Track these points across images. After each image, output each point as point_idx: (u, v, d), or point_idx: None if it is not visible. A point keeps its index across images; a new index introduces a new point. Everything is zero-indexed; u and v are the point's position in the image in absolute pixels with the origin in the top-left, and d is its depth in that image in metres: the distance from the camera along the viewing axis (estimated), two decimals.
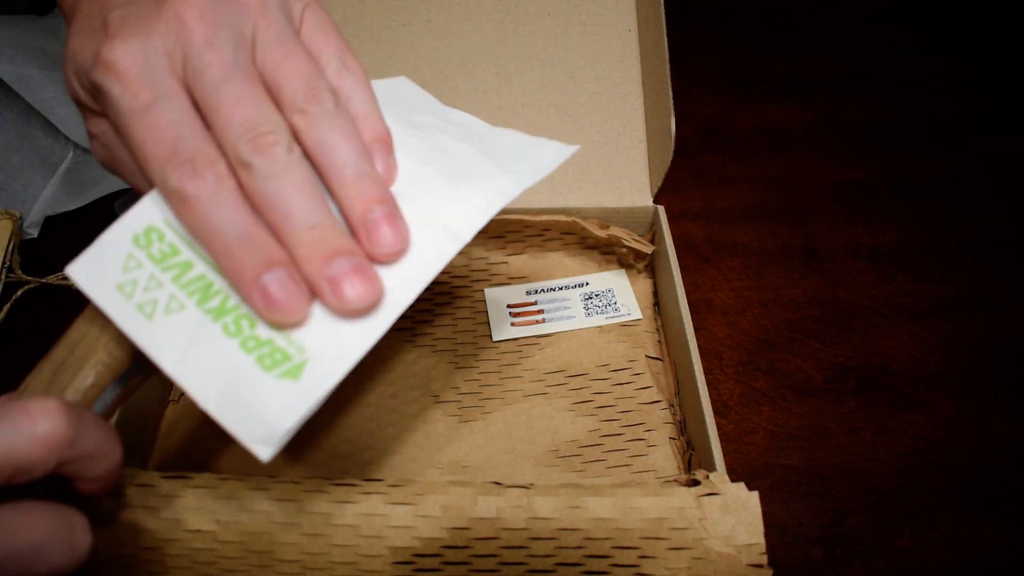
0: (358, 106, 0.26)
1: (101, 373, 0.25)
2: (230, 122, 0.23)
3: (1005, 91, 0.67)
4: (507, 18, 0.48)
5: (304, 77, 0.24)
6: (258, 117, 0.23)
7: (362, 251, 0.24)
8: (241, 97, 0.23)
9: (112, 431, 0.23)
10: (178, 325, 0.24)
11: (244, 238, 0.23)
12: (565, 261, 0.48)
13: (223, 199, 0.23)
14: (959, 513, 0.40)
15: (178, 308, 0.24)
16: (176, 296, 0.24)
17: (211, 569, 0.31)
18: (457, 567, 0.31)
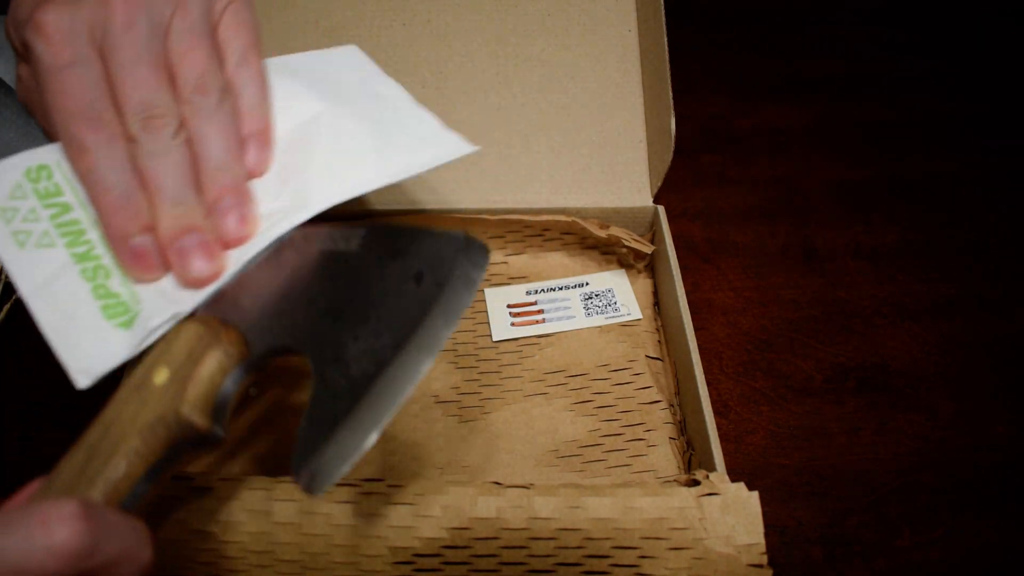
0: (247, 100, 0.29)
1: (134, 463, 0.24)
2: (130, 99, 0.26)
3: (1005, 91, 0.67)
4: (507, 18, 0.48)
5: (200, 70, 0.27)
6: (154, 100, 0.26)
7: (212, 231, 0.27)
8: (144, 80, 0.26)
9: (140, 531, 0.22)
10: (44, 259, 0.26)
11: (126, 199, 0.26)
12: (565, 261, 0.48)
13: (115, 158, 0.26)
14: (959, 513, 0.40)
15: (48, 244, 0.27)
16: (49, 233, 0.27)
17: (212, 569, 0.31)
18: (457, 567, 0.31)
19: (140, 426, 0.25)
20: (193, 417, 0.25)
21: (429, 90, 0.48)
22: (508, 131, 0.47)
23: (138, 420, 0.25)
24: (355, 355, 0.25)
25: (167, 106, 0.26)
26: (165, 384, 0.25)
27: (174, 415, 0.25)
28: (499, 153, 0.47)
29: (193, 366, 0.26)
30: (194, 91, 0.27)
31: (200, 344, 0.26)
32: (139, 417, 0.25)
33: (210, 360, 0.26)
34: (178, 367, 0.26)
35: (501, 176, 0.47)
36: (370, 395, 0.25)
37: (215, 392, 0.26)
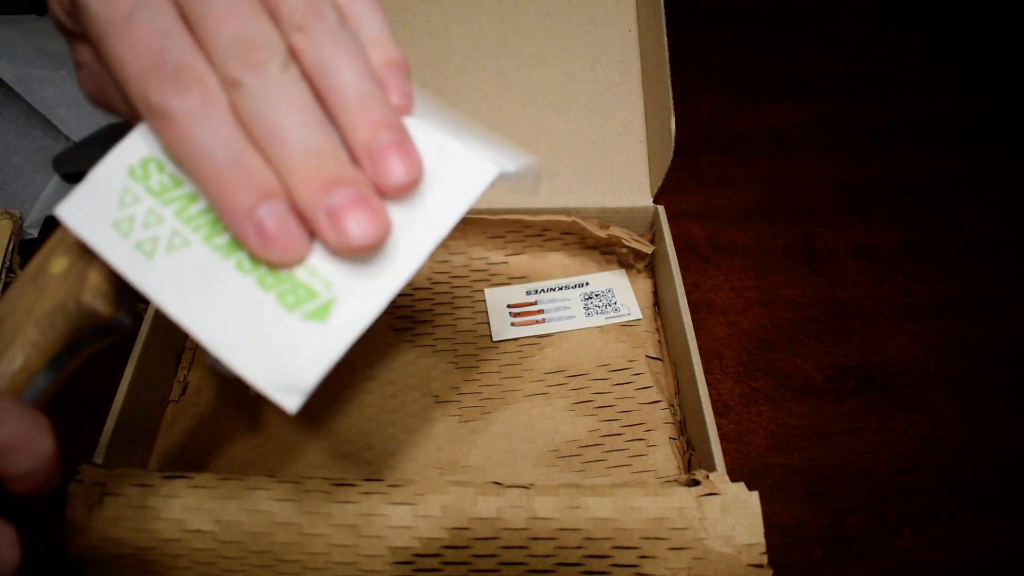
0: (369, 29, 0.23)
1: (31, 355, 0.22)
2: (219, 35, 0.20)
3: (1005, 91, 0.67)
4: (507, 18, 0.48)
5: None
6: (250, 31, 0.20)
7: (366, 181, 0.21)
8: (233, 9, 0.20)
9: (38, 420, 0.21)
10: (183, 264, 0.21)
11: (235, 164, 0.20)
12: (565, 261, 0.48)
13: (211, 118, 0.20)
14: (959, 513, 0.40)
15: (182, 245, 0.21)
16: (179, 232, 0.22)
17: (211, 569, 0.31)
18: (457, 567, 0.31)
19: (37, 316, 0.23)
20: (96, 304, 0.23)
21: (429, 90, 0.47)
22: (508, 131, 0.47)
23: (35, 310, 0.23)
24: None
25: (269, 36, 0.20)
26: (64, 272, 0.23)
27: (75, 303, 0.23)
28: None
29: (93, 252, 0.22)
30: (305, 16, 0.21)
31: None
32: (36, 307, 0.23)
33: None
34: (77, 254, 0.23)
35: None
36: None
37: (119, 278, 0.23)
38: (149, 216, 0.22)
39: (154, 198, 0.22)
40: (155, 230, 0.22)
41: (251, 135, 0.20)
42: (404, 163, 0.21)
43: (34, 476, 0.21)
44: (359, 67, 0.21)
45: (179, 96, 0.20)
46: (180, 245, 0.21)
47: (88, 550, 0.30)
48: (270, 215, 0.20)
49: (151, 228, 0.22)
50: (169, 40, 0.20)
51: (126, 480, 0.31)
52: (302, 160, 0.20)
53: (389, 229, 0.21)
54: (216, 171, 0.20)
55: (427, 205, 0.22)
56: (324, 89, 0.21)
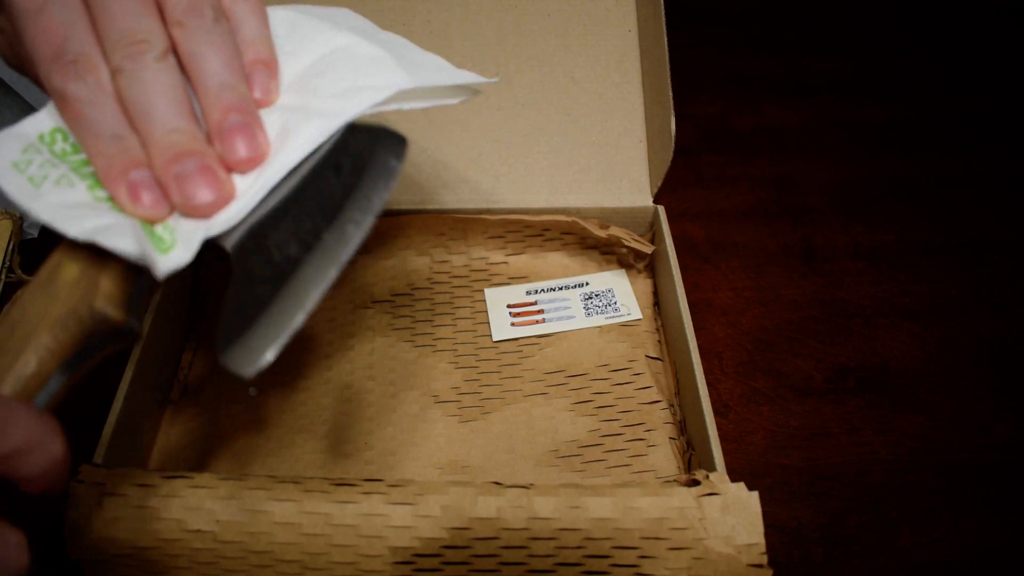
0: (247, 31, 0.27)
1: (44, 359, 0.23)
2: (111, 29, 0.24)
3: (1005, 91, 0.67)
4: (507, 18, 0.48)
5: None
6: (136, 26, 0.24)
7: (214, 155, 0.25)
8: (125, 7, 0.24)
9: (49, 422, 0.22)
10: (66, 195, 0.24)
11: (115, 140, 0.24)
12: (565, 261, 0.48)
13: (99, 102, 0.24)
14: (959, 513, 0.40)
15: (67, 184, 0.25)
16: (68, 176, 0.25)
17: (211, 569, 0.31)
18: (457, 567, 0.31)
19: (50, 321, 0.24)
20: (108, 310, 0.24)
21: None
22: (508, 131, 0.47)
23: (48, 316, 0.24)
24: (277, 243, 0.26)
25: (151, 31, 0.24)
26: (76, 278, 0.24)
27: (87, 308, 0.24)
28: (499, 153, 0.47)
29: (105, 259, 0.24)
30: (185, 12, 0.25)
31: None
32: (48, 313, 0.24)
33: None
34: (88, 261, 0.25)
35: (501, 176, 0.47)
36: (295, 278, 0.25)
37: (130, 284, 0.25)
38: (45, 163, 0.25)
39: (54, 156, 0.25)
40: (48, 170, 0.25)
41: (128, 114, 0.24)
42: (247, 143, 0.25)
43: (46, 477, 0.22)
44: (223, 59, 0.25)
45: (75, 82, 0.24)
46: (66, 184, 0.25)
47: (88, 550, 0.30)
48: (137, 181, 0.24)
49: (45, 169, 0.25)
50: (72, 31, 0.24)
51: (126, 480, 0.31)
52: (162, 137, 0.24)
53: (231, 195, 0.25)
54: (99, 146, 0.24)
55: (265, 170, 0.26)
56: (192, 76, 0.25)
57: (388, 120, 0.28)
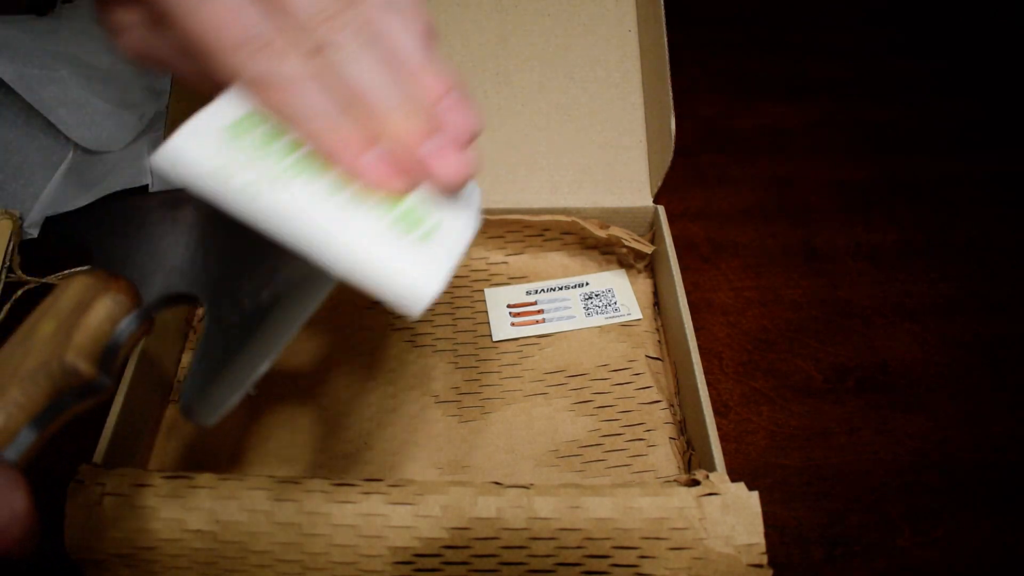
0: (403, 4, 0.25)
1: (13, 414, 0.23)
2: (298, 7, 0.22)
3: (1005, 91, 0.67)
4: (507, 18, 0.48)
5: None
6: (324, 2, 0.23)
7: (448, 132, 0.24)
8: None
9: (11, 476, 0.21)
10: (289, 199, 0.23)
11: (338, 119, 0.23)
12: (565, 261, 0.48)
13: (309, 81, 0.22)
14: (959, 513, 0.40)
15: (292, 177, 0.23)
16: (280, 176, 0.23)
17: (211, 569, 0.31)
18: (457, 567, 0.31)
19: (21, 375, 0.23)
20: (78, 363, 0.24)
21: None
22: (508, 131, 0.47)
23: (20, 370, 0.24)
24: (249, 291, 0.25)
25: (342, 5, 0.23)
26: (51, 334, 0.24)
27: (58, 362, 0.24)
28: (499, 153, 0.47)
29: (80, 315, 0.25)
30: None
31: (88, 294, 0.25)
32: (21, 367, 0.24)
33: (98, 308, 0.25)
34: (64, 317, 0.25)
35: (501, 176, 0.47)
36: (264, 326, 0.25)
37: (103, 340, 0.25)
38: (248, 164, 0.23)
39: (251, 151, 0.23)
40: (255, 174, 0.23)
41: (344, 90, 0.23)
42: (470, 119, 0.24)
43: (6, 532, 0.21)
44: (414, 31, 0.24)
45: (275, 65, 0.22)
46: (282, 186, 0.23)
47: (88, 550, 0.30)
48: (377, 159, 0.23)
49: (251, 173, 0.23)
50: (252, 15, 0.22)
51: (126, 480, 0.31)
52: (397, 116, 0.23)
53: (474, 169, 0.24)
54: (323, 126, 0.23)
55: None
56: (391, 52, 0.23)
57: None
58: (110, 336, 0.25)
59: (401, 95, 0.23)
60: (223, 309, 0.25)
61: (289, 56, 0.22)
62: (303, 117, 0.23)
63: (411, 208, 0.24)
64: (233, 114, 0.23)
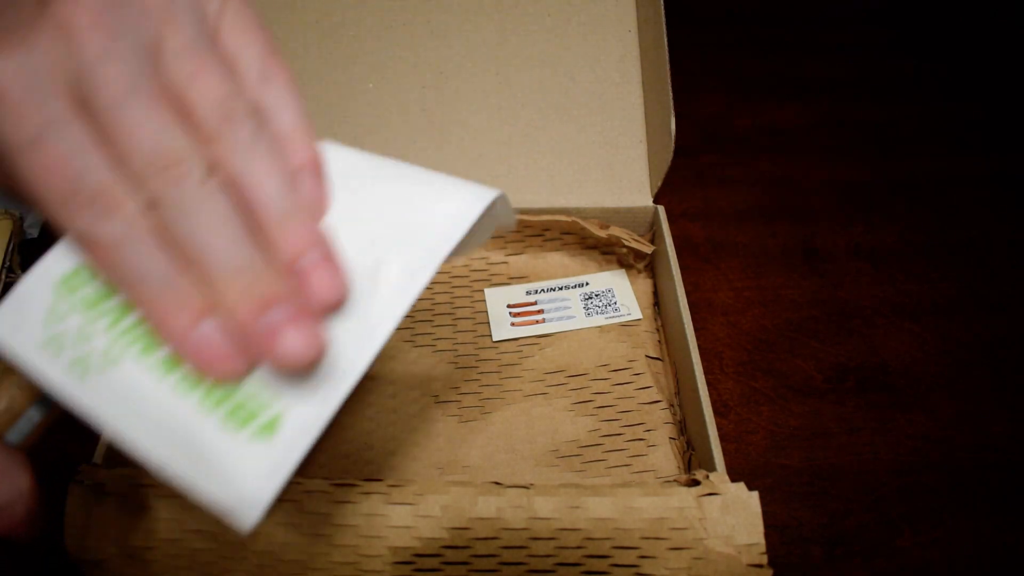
0: (284, 122, 0.22)
1: (16, 397, 0.22)
2: (135, 150, 0.19)
3: (1005, 91, 0.67)
4: (507, 18, 0.48)
5: (219, 97, 0.21)
6: (166, 143, 0.20)
7: (297, 296, 0.21)
8: (146, 119, 0.20)
9: (15, 456, 0.21)
10: (118, 384, 0.20)
11: (168, 286, 0.20)
12: (565, 261, 0.48)
13: (138, 241, 0.19)
14: (959, 513, 0.40)
15: (113, 363, 0.21)
16: (110, 350, 0.21)
17: (211, 569, 0.31)
18: (457, 567, 0.31)
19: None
20: None
21: (429, 90, 0.48)
22: (508, 131, 0.47)
23: None
24: None
25: (185, 148, 0.20)
26: None
27: None
28: (499, 153, 0.47)
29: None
30: (220, 124, 0.20)
31: None
32: None
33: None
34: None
35: (501, 176, 0.47)
36: None
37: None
38: (79, 334, 0.21)
39: (84, 312, 0.21)
40: (86, 347, 0.21)
41: (179, 252, 0.20)
42: (331, 280, 0.21)
43: (9, 511, 0.20)
44: (278, 179, 0.21)
45: (101, 223, 0.19)
46: (111, 364, 0.21)
47: (88, 550, 0.30)
48: (208, 334, 0.20)
49: (81, 346, 0.21)
50: (82, 162, 0.19)
51: (126, 480, 0.31)
52: (232, 279, 0.20)
53: (325, 345, 0.20)
54: (149, 294, 0.20)
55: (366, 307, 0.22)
56: (247, 202, 0.21)
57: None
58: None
59: (247, 255, 0.20)
60: None
61: (122, 210, 0.19)
62: (130, 281, 0.20)
63: (250, 395, 0.21)
64: (66, 267, 0.21)
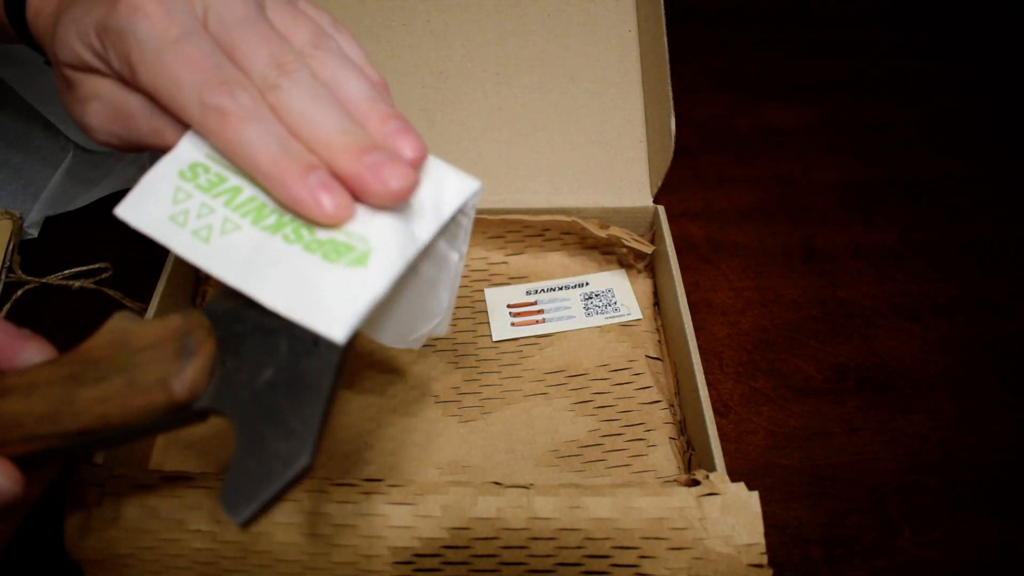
0: (355, 55, 0.28)
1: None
2: (256, 55, 0.25)
3: (1005, 91, 0.67)
4: (507, 18, 0.48)
5: (311, 30, 0.27)
6: (281, 50, 0.26)
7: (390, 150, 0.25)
8: (264, 35, 0.26)
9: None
10: (237, 243, 0.24)
11: (285, 147, 0.24)
12: (565, 261, 0.48)
13: (260, 115, 0.25)
14: (959, 513, 0.40)
15: (234, 228, 0.25)
16: (230, 218, 0.25)
17: (211, 569, 0.31)
18: (457, 567, 0.31)
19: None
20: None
21: (429, 90, 0.48)
22: (508, 131, 0.47)
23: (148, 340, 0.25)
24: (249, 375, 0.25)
25: (296, 53, 0.26)
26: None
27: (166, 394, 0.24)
28: (499, 153, 0.47)
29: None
30: (315, 45, 0.27)
31: None
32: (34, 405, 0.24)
33: None
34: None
35: (501, 176, 0.47)
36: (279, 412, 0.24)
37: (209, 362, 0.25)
38: (202, 208, 0.25)
39: (204, 193, 0.25)
40: (208, 219, 0.25)
41: (292, 125, 0.25)
42: (412, 143, 0.26)
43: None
44: (362, 79, 0.27)
45: (232, 98, 0.24)
46: (232, 229, 0.25)
47: (88, 550, 0.30)
48: (320, 181, 0.24)
49: (204, 218, 0.25)
50: (216, 59, 0.25)
51: (126, 480, 0.31)
52: (340, 137, 0.25)
53: (417, 181, 0.25)
54: (270, 154, 0.24)
55: (426, 200, 0.27)
56: (342, 96, 0.26)
57: None
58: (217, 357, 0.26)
59: (348, 122, 0.25)
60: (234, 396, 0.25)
61: (250, 90, 0.25)
62: (250, 147, 0.24)
63: (344, 239, 0.24)
64: (186, 160, 0.26)
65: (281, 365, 0.24)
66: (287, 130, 0.25)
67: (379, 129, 0.26)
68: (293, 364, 0.24)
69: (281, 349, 0.24)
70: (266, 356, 0.24)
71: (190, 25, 0.25)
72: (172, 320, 0.26)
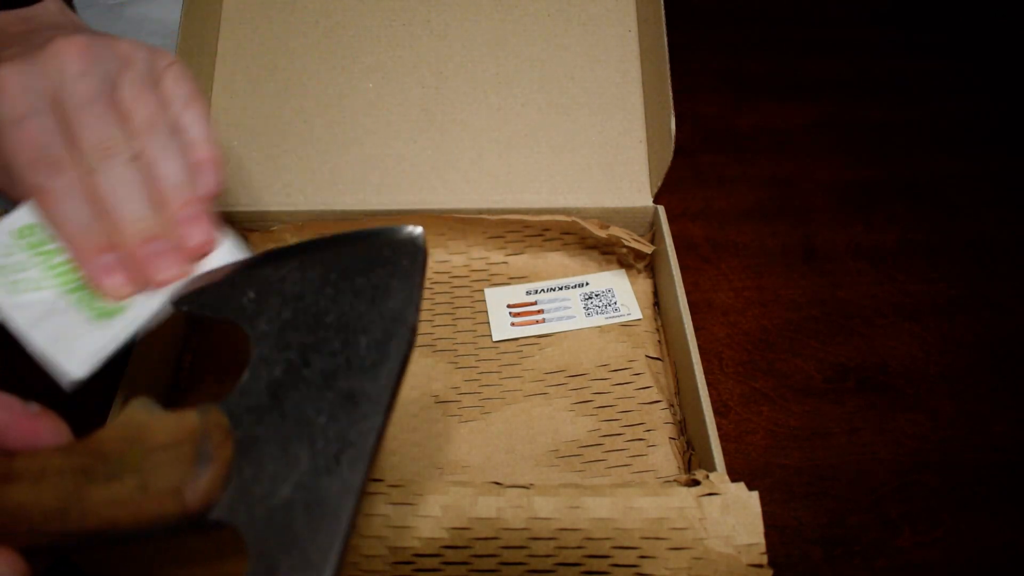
0: (195, 134, 0.32)
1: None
2: (87, 136, 0.29)
3: (1005, 91, 0.67)
4: (507, 18, 0.48)
5: (150, 111, 0.30)
6: (109, 135, 0.29)
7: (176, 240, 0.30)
8: (99, 119, 0.29)
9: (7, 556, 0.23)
10: (38, 299, 0.29)
11: (89, 227, 0.29)
12: (565, 261, 0.48)
13: (75, 195, 0.28)
14: (959, 513, 0.40)
15: (38, 288, 0.29)
16: (40, 278, 0.29)
17: (210, 568, 0.31)
18: (457, 567, 0.31)
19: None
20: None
21: (429, 90, 0.48)
22: (508, 131, 0.47)
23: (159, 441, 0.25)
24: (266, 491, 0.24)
25: (121, 140, 0.29)
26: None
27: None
28: (499, 153, 0.47)
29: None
30: (147, 129, 0.30)
31: None
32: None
33: None
34: None
35: (501, 176, 0.47)
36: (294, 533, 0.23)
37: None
38: (19, 265, 0.29)
39: (27, 252, 0.29)
40: (23, 275, 0.29)
41: (102, 208, 0.29)
42: (201, 231, 0.30)
43: None
44: (178, 163, 0.30)
45: (53, 178, 0.28)
46: (37, 287, 0.29)
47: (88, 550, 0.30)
48: (106, 264, 0.29)
49: (19, 272, 0.29)
50: (50, 139, 0.28)
51: None
52: (131, 224, 0.29)
53: (187, 272, 0.30)
54: (75, 232, 0.29)
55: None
56: (154, 177, 0.30)
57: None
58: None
59: (144, 209, 0.29)
60: (249, 511, 0.24)
61: (68, 173, 0.28)
62: (60, 222, 0.28)
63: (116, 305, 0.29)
64: (23, 221, 0.29)
65: (301, 482, 0.23)
66: (96, 210, 0.29)
67: (173, 213, 0.30)
68: (313, 482, 0.23)
69: (302, 462, 0.23)
70: (285, 468, 0.24)
71: (38, 105, 0.28)
72: (190, 418, 0.25)
